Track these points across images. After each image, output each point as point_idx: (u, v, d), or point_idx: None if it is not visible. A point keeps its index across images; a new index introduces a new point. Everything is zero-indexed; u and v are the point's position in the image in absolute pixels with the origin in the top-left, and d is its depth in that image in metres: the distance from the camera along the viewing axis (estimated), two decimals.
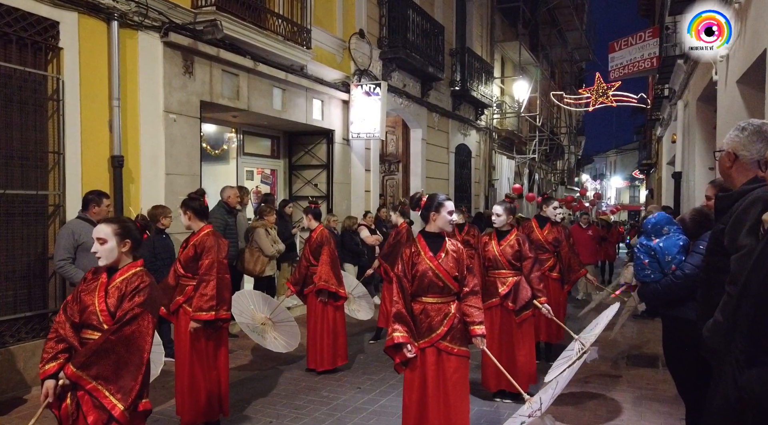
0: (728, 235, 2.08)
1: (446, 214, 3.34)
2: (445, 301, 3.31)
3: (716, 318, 1.99)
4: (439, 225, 3.36)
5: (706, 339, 2.07)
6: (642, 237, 3.64)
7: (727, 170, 2.24)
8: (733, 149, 2.21)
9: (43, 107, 4.90)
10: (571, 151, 29.12)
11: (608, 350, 6.37)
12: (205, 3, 6.21)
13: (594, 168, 49.41)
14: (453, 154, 13.43)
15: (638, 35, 12.89)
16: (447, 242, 3.38)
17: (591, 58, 27.18)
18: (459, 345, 3.28)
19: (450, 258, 3.31)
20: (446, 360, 3.25)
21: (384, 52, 10.00)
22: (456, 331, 3.28)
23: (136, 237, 2.72)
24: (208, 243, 3.92)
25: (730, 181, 2.26)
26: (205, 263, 3.86)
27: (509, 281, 4.50)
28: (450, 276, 3.29)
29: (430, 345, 3.25)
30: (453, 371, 3.25)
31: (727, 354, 1.86)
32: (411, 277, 3.30)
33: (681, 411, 3.92)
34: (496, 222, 4.58)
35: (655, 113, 16.36)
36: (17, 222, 4.71)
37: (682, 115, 10.04)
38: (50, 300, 4.94)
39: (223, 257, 3.96)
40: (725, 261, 2.15)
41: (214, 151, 8.32)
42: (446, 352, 3.24)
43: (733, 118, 5.33)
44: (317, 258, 5.32)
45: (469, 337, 3.33)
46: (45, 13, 4.79)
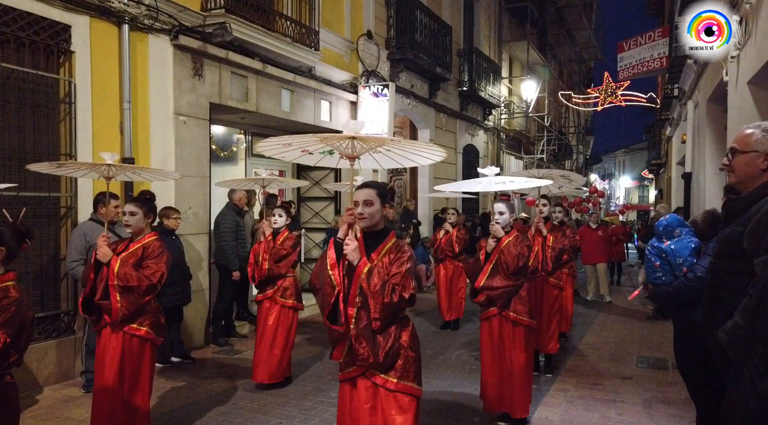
0: (749, 238, 2.03)
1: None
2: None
3: (736, 320, 1.96)
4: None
5: (723, 342, 2.03)
6: (653, 239, 3.62)
7: (759, 172, 2.14)
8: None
9: (55, 110, 4.96)
10: (579, 151, 28.98)
11: (618, 351, 6.35)
12: (214, 6, 6.24)
13: (602, 168, 49.15)
14: (461, 155, 13.41)
15: (647, 35, 12.80)
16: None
17: (599, 57, 27.02)
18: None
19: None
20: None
21: (392, 53, 10.01)
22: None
23: (10, 245, 2.40)
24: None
25: (753, 182, 2.17)
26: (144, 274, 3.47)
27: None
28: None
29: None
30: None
31: (747, 359, 1.84)
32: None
33: (692, 414, 3.89)
34: (500, 221, 4.08)
35: (664, 113, 16.26)
36: (30, 223, 4.75)
37: (692, 115, 9.97)
38: (62, 301, 4.99)
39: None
40: (736, 264, 2.12)
41: (223, 153, 8.36)
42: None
43: (743, 118, 5.28)
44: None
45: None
46: (57, 17, 4.84)
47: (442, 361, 5.81)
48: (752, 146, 2.16)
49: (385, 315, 2.48)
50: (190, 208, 6.21)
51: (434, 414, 4.29)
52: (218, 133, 8.15)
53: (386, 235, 2.70)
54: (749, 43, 5.35)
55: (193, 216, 6.26)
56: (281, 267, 4.87)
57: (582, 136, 29.79)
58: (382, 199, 2.69)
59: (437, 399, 4.66)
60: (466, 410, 4.43)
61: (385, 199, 2.71)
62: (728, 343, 2.00)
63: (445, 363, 5.76)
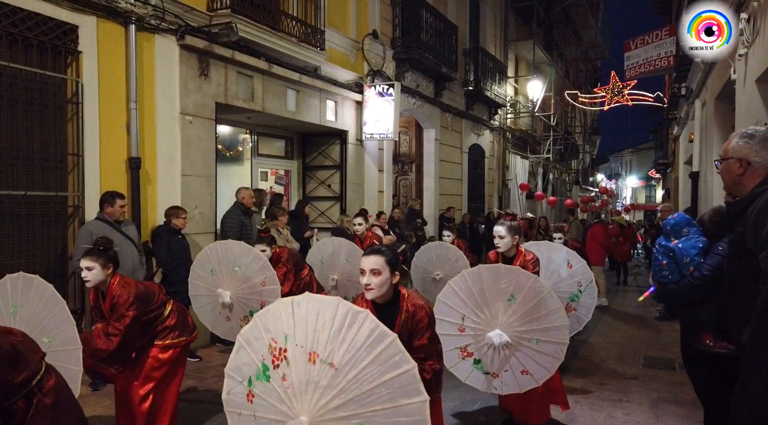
0: (751, 236, 2.05)
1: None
2: None
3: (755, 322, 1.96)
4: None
5: (746, 344, 2.03)
6: (661, 238, 3.60)
7: (738, 177, 2.22)
8: (744, 156, 2.19)
9: (63, 110, 4.99)
10: (585, 151, 28.86)
11: (625, 351, 6.32)
12: (220, 6, 6.27)
13: (609, 167, 48.96)
14: (466, 154, 13.39)
15: (654, 34, 12.75)
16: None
17: (606, 56, 26.88)
18: None
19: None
20: None
21: (397, 53, 10.01)
22: None
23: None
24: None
25: (739, 187, 2.24)
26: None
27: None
28: None
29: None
30: None
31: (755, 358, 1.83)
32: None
33: (699, 414, 3.87)
34: (500, 245, 3.96)
35: (671, 112, 16.16)
36: (38, 223, 4.80)
37: (700, 114, 9.91)
38: (70, 300, 5.01)
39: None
40: (746, 265, 2.11)
41: (228, 152, 8.39)
42: None
43: (751, 117, 5.25)
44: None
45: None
46: (64, 17, 4.87)
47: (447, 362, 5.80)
48: (729, 153, 2.23)
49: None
50: (197, 207, 6.23)
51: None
52: (224, 132, 8.18)
53: (398, 304, 2.48)
54: (757, 42, 5.31)
55: (200, 215, 6.29)
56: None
57: (588, 135, 29.67)
58: (392, 267, 2.47)
59: (443, 400, 4.64)
60: (471, 409, 4.42)
61: (396, 266, 2.49)
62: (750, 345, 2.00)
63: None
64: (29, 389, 1.99)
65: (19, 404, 1.96)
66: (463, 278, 3.35)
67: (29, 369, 2.01)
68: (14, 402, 1.96)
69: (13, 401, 1.96)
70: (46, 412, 2.02)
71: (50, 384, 2.07)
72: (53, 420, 2.03)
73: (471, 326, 3.27)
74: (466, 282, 3.32)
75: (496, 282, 3.26)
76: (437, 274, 6.36)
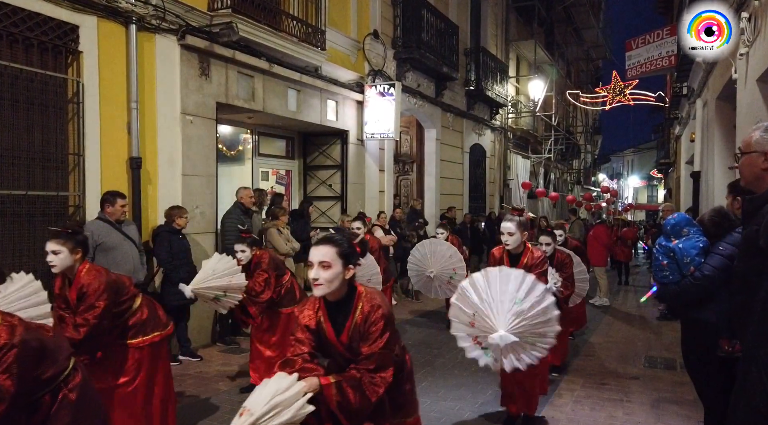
0: (764, 234, 2.01)
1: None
2: None
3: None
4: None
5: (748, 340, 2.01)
6: (661, 238, 3.60)
7: (761, 172, 2.15)
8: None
9: (64, 110, 4.99)
10: (587, 150, 28.83)
11: (626, 351, 6.31)
12: (220, 5, 6.27)
13: (611, 167, 48.88)
14: (467, 154, 13.38)
15: (656, 33, 12.71)
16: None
17: (608, 56, 26.86)
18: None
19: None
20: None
21: (398, 53, 10.00)
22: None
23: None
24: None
25: (761, 182, 2.17)
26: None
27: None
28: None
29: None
30: None
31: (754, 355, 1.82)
32: None
33: (700, 414, 3.86)
34: (510, 242, 3.74)
35: (673, 112, 16.13)
36: (39, 222, 4.80)
37: (701, 113, 9.89)
38: None
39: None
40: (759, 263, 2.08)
41: (229, 152, 8.39)
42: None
43: (753, 116, 5.23)
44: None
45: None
46: (65, 17, 4.88)
47: (448, 360, 5.80)
48: (753, 147, 2.17)
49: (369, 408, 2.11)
50: (197, 206, 6.24)
51: (440, 414, 4.29)
52: (225, 132, 8.18)
53: (351, 302, 2.19)
54: (758, 41, 5.30)
55: (200, 215, 6.29)
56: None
57: (590, 135, 29.64)
58: (345, 259, 2.15)
59: (443, 399, 4.65)
60: (472, 410, 4.42)
61: (351, 259, 2.18)
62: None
63: (452, 362, 5.74)
64: (56, 384, 2.08)
65: (45, 398, 2.06)
66: (486, 275, 3.24)
67: (57, 365, 2.10)
68: (41, 396, 2.02)
69: (40, 395, 2.02)
70: (70, 407, 2.12)
71: (76, 381, 2.17)
72: (75, 416, 2.13)
73: (480, 323, 3.25)
74: (488, 280, 3.22)
75: (516, 291, 3.16)
76: (431, 272, 6.37)
